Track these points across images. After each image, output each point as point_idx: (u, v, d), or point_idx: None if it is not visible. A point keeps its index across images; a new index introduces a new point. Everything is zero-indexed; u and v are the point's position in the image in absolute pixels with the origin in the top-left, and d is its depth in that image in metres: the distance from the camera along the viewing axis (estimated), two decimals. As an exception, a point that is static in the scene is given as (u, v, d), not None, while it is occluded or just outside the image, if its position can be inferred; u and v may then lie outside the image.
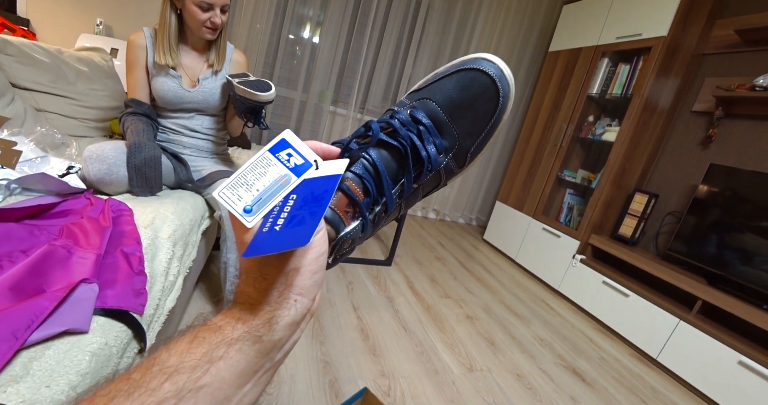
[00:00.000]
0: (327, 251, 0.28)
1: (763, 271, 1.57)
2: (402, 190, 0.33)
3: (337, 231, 0.29)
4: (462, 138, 0.33)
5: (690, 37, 2.04)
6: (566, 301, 2.25)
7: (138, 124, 1.06)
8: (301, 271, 0.25)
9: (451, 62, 0.34)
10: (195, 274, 1.14)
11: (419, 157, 0.32)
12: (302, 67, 2.67)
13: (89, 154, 0.91)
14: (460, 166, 0.35)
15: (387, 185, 0.31)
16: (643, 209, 2.11)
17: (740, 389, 1.43)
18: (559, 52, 2.68)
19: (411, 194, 0.34)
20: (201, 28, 1.09)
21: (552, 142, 2.57)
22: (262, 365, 0.24)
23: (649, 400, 1.46)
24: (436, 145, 0.32)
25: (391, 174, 0.32)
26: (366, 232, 0.32)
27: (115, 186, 0.93)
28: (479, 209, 3.66)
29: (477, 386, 1.26)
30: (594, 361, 1.65)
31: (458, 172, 0.36)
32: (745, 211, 1.70)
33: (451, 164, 0.34)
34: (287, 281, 0.25)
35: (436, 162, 0.33)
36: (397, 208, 0.34)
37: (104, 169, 0.90)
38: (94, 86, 1.47)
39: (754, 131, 1.87)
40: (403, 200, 0.34)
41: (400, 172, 0.32)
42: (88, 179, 0.91)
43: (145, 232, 0.77)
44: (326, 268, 0.29)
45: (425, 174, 0.33)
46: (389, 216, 0.34)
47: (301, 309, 0.26)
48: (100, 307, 0.52)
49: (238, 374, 0.23)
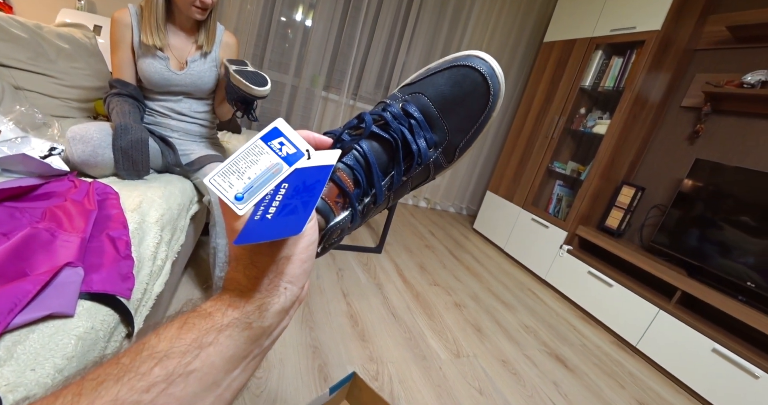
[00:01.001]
0: (317, 240, 0.28)
1: (740, 264, 1.63)
2: (391, 183, 0.33)
3: (327, 221, 0.30)
4: (452, 133, 0.34)
5: (683, 32, 2.05)
6: (552, 290, 2.30)
7: (124, 106, 1.03)
8: (292, 259, 0.26)
9: (444, 58, 0.35)
10: (183, 259, 1.13)
11: (409, 151, 0.33)
12: (294, 51, 2.61)
13: (72, 134, 0.87)
14: (448, 160, 0.36)
15: (377, 177, 0.32)
16: (630, 202, 2.15)
17: (713, 375, 1.50)
18: (553, 43, 2.67)
19: (400, 187, 0.35)
20: (190, 7, 1.04)
21: (543, 133, 2.58)
22: (251, 351, 0.25)
23: (627, 385, 1.52)
24: (426, 140, 0.33)
25: (381, 166, 0.32)
26: (355, 223, 0.32)
27: (100, 168, 0.91)
28: (470, 199, 3.68)
29: (463, 371, 1.29)
30: (576, 348, 1.70)
31: (447, 166, 0.36)
32: (726, 205, 1.75)
33: (440, 159, 0.35)
34: (278, 269, 0.25)
35: (426, 156, 0.33)
36: (386, 200, 0.35)
37: (88, 150, 0.87)
38: (76, 65, 1.41)
39: (739, 128, 1.91)
40: (392, 192, 0.34)
41: (390, 164, 0.33)
42: (72, 161, 0.88)
43: (132, 216, 0.75)
44: (315, 257, 0.29)
45: (415, 167, 0.34)
46: (378, 207, 0.35)
47: (291, 296, 0.26)
48: (85, 291, 0.52)
49: (228, 360, 0.23)
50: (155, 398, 0.19)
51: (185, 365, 0.21)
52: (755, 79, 1.75)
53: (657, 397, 1.49)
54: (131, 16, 1.06)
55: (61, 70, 1.35)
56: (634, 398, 1.44)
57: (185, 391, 0.21)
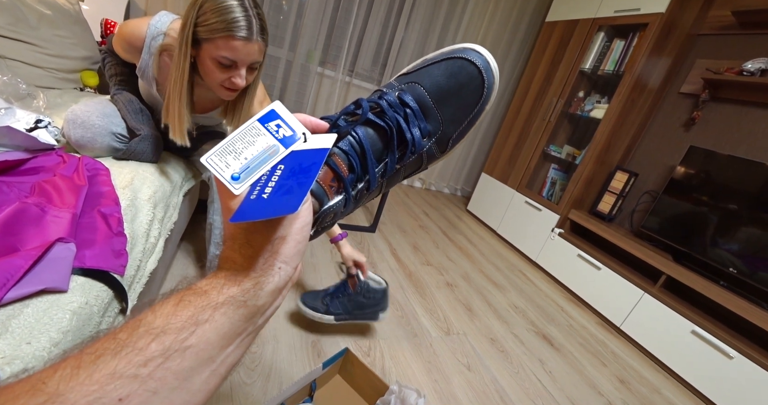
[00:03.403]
0: (311, 222, 0.29)
1: (724, 250, 1.67)
2: (385, 170, 0.34)
3: (321, 204, 0.30)
4: (446, 124, 0.35)
5: (687, 16, 2.01)
6: (542, 271, 2.35)
7: (131, 98, 0.95)
8: (287, 239, 0.26)
9: (441, 49, 0.35)
10: (177, 237, 1.13)
11: (404, 139, 0.33)
12: (289, 24, 2.52)
13: (73, 117, 0.83)
14: (441, 151, 0.36)
15: (371, 163, 0.32)
16: (623, 187, 2.17)
17: (690, 355, 1.56)
18: (555, 23, 2.61)
19: (393, 174, 0.35)
20: (219, 87, 0.85)
21: (541, 116, 2.56)
22: (245, 329, 0.25)
23: (609, 363, 1.58)
24: (420, 129, 0.34)
25: (375, 153, 0.33)
26: (348, 208, 0.33)
27: (97, 152, 0.88)
28: (465, 180, 3.69)
29: (453, 348, 1.34)
30: (563, 327, 1.75)
31: (439, 157, 0.37)
32: (716, 193, 1.77)
33: (434, 148, 0.36)
34: (273, 249, 0.26)
35: (420, 145, 0.34)
36: (379, 187, 0.35)
37: (88, 136, 0.83)
38: (59, 32, 1.35)
39: (735, 116, 1.91)
40: (385, 180, 0.35)
41: (385, 152, 0.33)
42: (68, 140, 0.85)
43: (124, 192, 0.74)
44: (309, 240, 0.29)
45: (408, 156, 0.34)
46: (371, 193, 0.35)
47: (285, 276, 0.27)
48: (78, 266, 0.51)
49: (222, 336, 0.23)
50: (153, 372, 0.20)
51: (181, 341, 0.21)
52: (755, 66, 1.74)
53: (637, 375, 1.56)
54: (146, 38, 0.86)
55: (43, 37, 1.29)
56: (614, 376, 1.50)
57: (182, 366, 0.21)
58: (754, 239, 1.59)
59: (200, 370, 0.22)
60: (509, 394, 1.21)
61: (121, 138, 0.91)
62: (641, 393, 1.45)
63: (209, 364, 0.23)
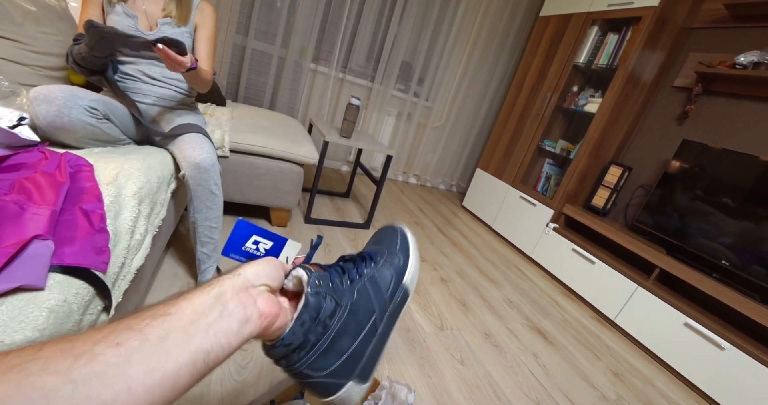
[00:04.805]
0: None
1: (717, 244, 1.68)
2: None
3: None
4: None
5: (680, 9, 2.00)
6: (537, 266, 2.35)
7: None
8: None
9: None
10: (166, 234, 1.12)
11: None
12: (281, 20, 2.49)
13: (35, 94, 0.82)
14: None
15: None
16: (617, 181, 2.17)
17: (683, 347, 1.57)
18: (549, 17, 2.60)
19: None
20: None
21: (535, 111, 2.56)
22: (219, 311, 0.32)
23: (603, 356, 1.59)
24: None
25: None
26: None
27: (68, 132, 0.86)
28: (460, 176, 3.69)
29: (446, 343, 1.34)
30: (557, 321, 1.76)
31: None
32: (709, 186, 1.77)
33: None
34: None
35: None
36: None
37: (53, 111, 0.82)
38: (44, 29, 1.32)
39: (728, 109, 1.91)
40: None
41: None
42: (38, 125, 0.83)
43: (108, 188, 0.73)
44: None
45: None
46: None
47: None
48: (57, 264, 0.50)
49: (197, 312, 0.30)
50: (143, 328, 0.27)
51: (165, 307, 0.29)
52: (748, 60, 1.74)
53: (630, 368, 1.57)
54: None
55: (28, 34, 1.27)
56: (609, 369, 1.51)
57: (162, 325, 0.28)
58: (747, 232, 1.60)
59: (176, 333, 0.27)
60: (503, 388, 1.21)
61: (93, 112, 0.89)
62: (635, 385, 1.46)
63: (187, 330, 0.28)
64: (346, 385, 0.41)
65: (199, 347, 0.27)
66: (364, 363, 0.42)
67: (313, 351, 0.38)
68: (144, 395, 0.24)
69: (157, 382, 0.25)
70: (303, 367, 0.38)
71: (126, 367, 0.24)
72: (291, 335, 0.36)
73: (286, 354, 0.37)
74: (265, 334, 0.35)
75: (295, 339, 0.36)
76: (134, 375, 0.24)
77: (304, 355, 0.37)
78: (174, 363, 0.26)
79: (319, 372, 0.39)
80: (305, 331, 0.37)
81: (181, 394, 0.27)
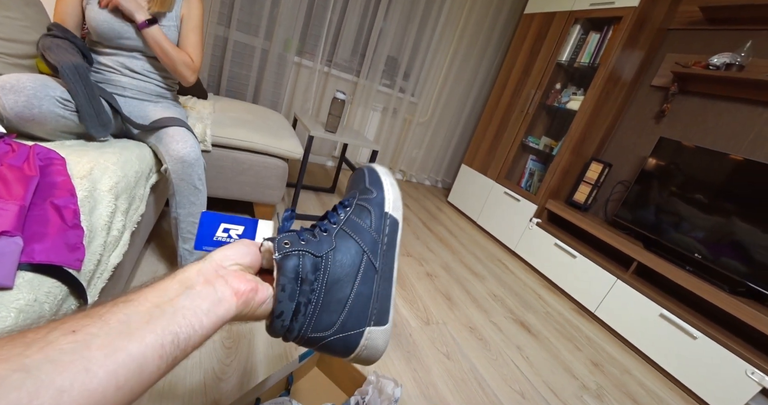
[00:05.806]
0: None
1: (690, 238, 1.74)
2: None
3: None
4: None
5: (659, 10, 2.06)
6: (521, 261, 2.39)
7: (60, 43, 0.91)
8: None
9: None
10: (146, 230, 1.08)
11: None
12: (264, 11, 2.43)
13: (2, 84, 0.77)
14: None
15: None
16: (597, 177, 2.23)
17: (658, 337, 1.63)
18: (534, 15, 2.62)
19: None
20: None
21: (519, 107, 2.59)
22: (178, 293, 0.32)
23: (584, 347, 1.64)
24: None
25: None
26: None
27: (38, 124, 0.81)
28: (445, 172, 3.71)
29: (432, 338, 1.35)
30: (540, 314, 1.80)
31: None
32: (683, 183, 1.84)
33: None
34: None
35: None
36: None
37: (22, 101, 0.77)
38: (9, 14, 1.24)
39: (702, 108, 1.98)
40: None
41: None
42: (5, 116, 0.78)
43: (81, 183, 0.70)
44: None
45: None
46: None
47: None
48: (26, 261, 0.48)
49: (157, 294, 0.30)
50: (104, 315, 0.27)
51: (126, 295, 0.29)
52: (720, 61, 1.80)
53: (609, 358, 1.62)
54: None
55: (-8, 19, 1.19)
56: (588, 359, 1.56)
57: (123, 310, 0.28)
58: (717, 227, 1.67)
59: (139, 316, 0.27)
60: (488, 380, 1.23)
61: (65, 103, 0.84)
62: (613, 374, 1.51)
63: (152, 313, 0.27)
64: (365, 334, 0.39)
65: (166, 328, 0.27)
66: (374, 304, 0.40)
67: (309, 311, 0.36)
68: (106, 377, 0.23)
69: (121, 364, 0.23)
70: (309, 332, 0.36)
71: (83, 352, 0.23)
72: (279, 304, 0.35)
73: (288, 326, 0.36)
74: (251, 312, 0.34)
75: (285, 307, 0.35)
76: (93, 358, 0.23)
77: (304, 320, 0.36)
78: (138, 344, 0.25)
79: (328, 330, 0.37)
80: (291, 295, 0.35)
81: (154, 379, 0.26)
